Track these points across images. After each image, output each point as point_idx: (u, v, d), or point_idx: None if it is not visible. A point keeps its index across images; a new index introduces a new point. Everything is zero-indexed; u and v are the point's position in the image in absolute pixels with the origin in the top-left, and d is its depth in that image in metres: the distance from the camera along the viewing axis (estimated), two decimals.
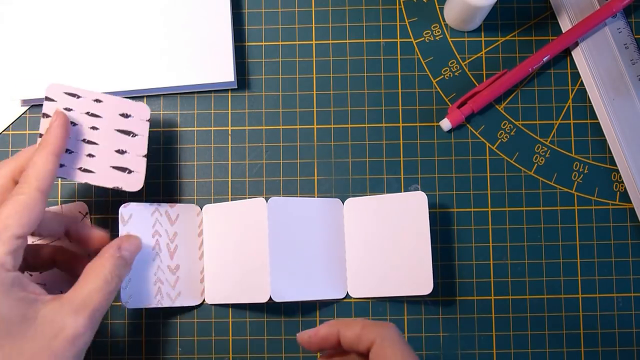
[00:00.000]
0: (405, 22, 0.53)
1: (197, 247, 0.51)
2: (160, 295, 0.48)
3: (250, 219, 0.48)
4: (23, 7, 0.52)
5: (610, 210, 0.51)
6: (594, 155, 0.52)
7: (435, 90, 0.52)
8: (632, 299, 0.50)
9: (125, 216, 0.47)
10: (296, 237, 0.49)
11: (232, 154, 0.52)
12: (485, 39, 0.53)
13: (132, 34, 0.52)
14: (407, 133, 0.52)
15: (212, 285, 0.50)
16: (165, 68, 0.51)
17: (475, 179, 0.52)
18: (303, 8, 0.53)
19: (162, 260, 0.49)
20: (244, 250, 0.48)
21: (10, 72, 0.51)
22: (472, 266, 0.51)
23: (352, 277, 0.50)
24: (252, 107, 0.53)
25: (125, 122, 0.47)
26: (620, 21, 0.52)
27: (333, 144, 0.52)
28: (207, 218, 0.51)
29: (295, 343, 0.49)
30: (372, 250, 0.49)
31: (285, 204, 0.49)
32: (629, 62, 0.51)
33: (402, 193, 0.50)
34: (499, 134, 0.52)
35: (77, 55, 0.52)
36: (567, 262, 0.51)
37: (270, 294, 0.46)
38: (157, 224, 0.49)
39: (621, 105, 0.51)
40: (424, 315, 0.51)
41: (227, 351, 0.50)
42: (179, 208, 0.50)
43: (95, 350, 0.51)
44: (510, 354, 0.50)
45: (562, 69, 0.53)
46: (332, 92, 0.53)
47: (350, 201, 0.51)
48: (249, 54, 0.53)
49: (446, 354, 0.50)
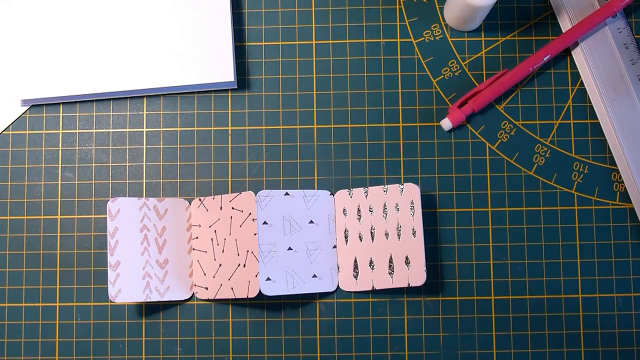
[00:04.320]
0: (405, 22, 0.53)
1: (186, 241, 0.51)
2: (149, 289, 0.49)
3: (239, 212, 0.48)
4: (23, 7, 0.52)
5: (610, 210, 0.51)
6: (594, 155, 0.52)
7: (435, 90, 0.52)
8: (632, 299, 0.50)
9: (113, 211, 0.47)
10: (286, 230, 0.49)
11: (232, 154, 0.52)
12: (485, 39, 0.53)
13: (132, 34, 0.52)
14: (407, 133, 0.52)
15: (201, 279, 0.50)
16: (165, 68, 0.51)
17: (475, 179, 0.52)
18: (303, 8, 0.53)
19: (151, 255, 0.49)
20: (233, 244, 0.48)
21: (10, 72, 0.51)
22: (472, 266, 0.51)
23: (343, 271, 0.50)
24: (252, 107, 0.53)
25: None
26: (620, 21, 0.52)
27: (333, 144, 0.52)
28: (196, 212, 0.51)
29: (295, 343, 0.49)
30: (364, 242, 0.50)
31: (275, 197, 0.49)
32: (629, 62, 0.51)
33: (393, 185, 0.50)
34: (499, 134, 0.52)
35: (77, 55, 0.52)
36: (567, 262, 0.51)
37: (260, 288, 0.46)
38: (146, 219, 0.49)
39: (621, 105, 0.51)
40: (424, 315, 0.51)
41: (227, 351, 0.50)
42: (168, 202, 0.50)
43: (95, 350, 0.51)
44: (510, 354, 0.50)
45: (562, 69, 0.53)
46: (332, 92, 0.53)
47: (340, 193, 0.51)
48: (249, 54, 0.53)
49: (446, 354, 0.50)
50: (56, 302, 0.51)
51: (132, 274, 0.48)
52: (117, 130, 0.53)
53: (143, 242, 0.49)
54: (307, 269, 0.50)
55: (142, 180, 0.52)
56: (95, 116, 0.53)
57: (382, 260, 0.49)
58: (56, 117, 0.53)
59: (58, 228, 0.52)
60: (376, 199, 0.50)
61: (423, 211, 0.51)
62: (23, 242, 0.52)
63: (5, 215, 0.52)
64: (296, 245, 0.49)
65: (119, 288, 0.47)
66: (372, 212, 0.50)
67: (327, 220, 0.51)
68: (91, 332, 0.51)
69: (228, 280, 0.49)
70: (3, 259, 0.52)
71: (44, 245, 0.52)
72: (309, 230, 0.50)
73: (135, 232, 0.48)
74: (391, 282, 0.49)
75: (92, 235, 0.52)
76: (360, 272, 0.50)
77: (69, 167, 0.52)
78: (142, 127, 0.53)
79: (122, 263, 0.47)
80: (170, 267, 0.50)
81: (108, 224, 0.47)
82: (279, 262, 0.48)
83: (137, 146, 0.52)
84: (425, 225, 0.51)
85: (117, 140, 0.53)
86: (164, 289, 0.49)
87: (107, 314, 0.51)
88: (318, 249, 0.50)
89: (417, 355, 0.50)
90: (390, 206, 0.49)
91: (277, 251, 0.49)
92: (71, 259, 0.51)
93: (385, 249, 0.49)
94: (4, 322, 0.51)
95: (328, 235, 0.51)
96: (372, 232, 0.50)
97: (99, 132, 0.53)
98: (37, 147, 0.53)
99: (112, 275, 0.47)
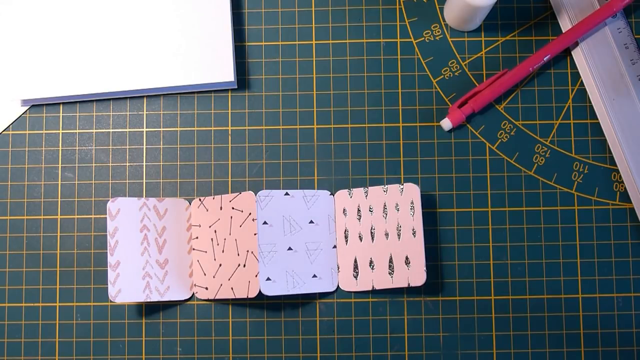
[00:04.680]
0: (405, 22, 0.53)
1: (186, 241, 0.51)
2: (149, 289, 0.49)
3: (239, 212, 0.48)
4: (23, 7, 0.52)
5: (610, 210, 0.51)
6: (594, 155, 0.52)
7: (435, 90, 0.52)
8: (632, 299, 0.50)
9: (113, 211, 0.47)
10: (286, 230, 0.49)
11: (232, 154, 0.52)
12: (485, 39, 0.53)
13: (132, 34, 0.52)
14: (407, 133, 0.52)
15: (201, 279, 0.50)
16: (165, 68, 0.51)
17: (475, 179, 0.52)
18: (303, 8, 0.53)
19: (151, 255, 0.49)
20: (233, 244, 0.48)
21: (10, 72, 0.51)
22: (472, 266, 0.51)
23: (343, 271, 0.50)
24: (252, 107, 0.53)
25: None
26: (620, 21, 0.52)
27: (333, 144, 0.52)
28: (196, 212, 0.51)
29: (295, 343, 0.49)
30: (364, 242, 0.50)
31: (275, 197, 0.49)
32: (629, 62, 0.51)
33: (393, 185, 0.50)
34: (499, 134, 0.52)
35: (77, 55, 0.52)
36: (567, 262, 0.51)
37: (260, 288, 0.46)
38: (146, 219, 0.49)
39: (621, 105, 0.51)
40: (424, 315, 0.51)
41: (227, 351, 0.50)
42: (168, 202, 0.50)
43: (95, 350, 0.51)
44: (510, 354, 0.50)
45: (562, 69, 0.53)
46: (332, 92, 0.53)
47: (340, 193, 0.51)
48: (249, 54, 0.53)
49: (446, 354, 0.50)
50: (56, 302, 0.51)
51: (132, 274, 0.48)
52: (117, 130, 0.53)
53: (143, 242, 0.49)
54: (307, 269, 0.50)
55: (142, 180, 0.52)
56: (95, 116, 0.53)
57: (382, 260, 0.49)
58: (56, 117, 0.53)
59: (58, 228, 0.52)
60: (376, 199, 0.50)
61: (423, 211, 0.51)
62: (23, 242, 0.52)
63: (5, 215, 0.52)
64: (296, 245, 0.49)
65: (119, 288, 0.47)
66: (372, 212, 0.50)
67: (327, 220, 0.51)
68: (91, 332, 0.51)
69: (228, 280, 0.49)
70: (3, 259, 0.52)
71: (44, 245, 0.52)
72: (309, 230, 0.50)
73: (135, 232, 0.48)
74: (391, 282, 0.49)
75: (92, 235, 0.52)
76: (360, 272, 0.50)
77: (69, 167, 0.52)
78: (142, 127, 0.53)
79: (122, 263, 0.47)
80: (170, 267, 0.50)
81: (108, 224, 0.47)
82: (279, 262, 0.48)
83: (137, 146, 0.52)
84: (425, 225, 0.51)
85: (117, 140, 0.53)
86: (164, 289, 0.49)
87: (107, 314, 0.51)
88: (318, 249, 0.50)
89: (417, 355, 0.50)
90: (390, 206, 0.49)
91: (277, 251, 0.49)
92: (71, 259, 0.51)
93: (385, 249, 0.49)
94: (4, 322, 0.51)
95: (328, 235, 0.51)
96: (372, 232, 0.50)
97: (99, 132, 0.53)
98: (37, 147, 0.53)
99: (112, 275, 0.47)
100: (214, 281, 0.49)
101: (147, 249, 0.49)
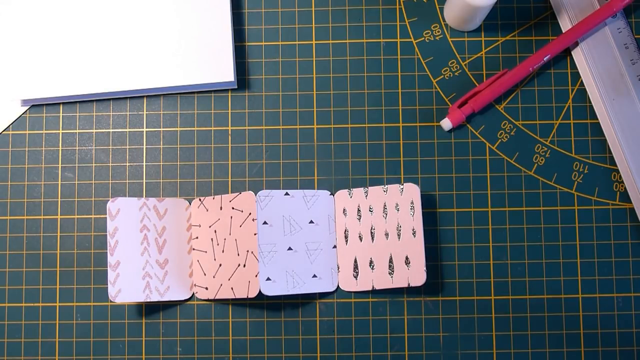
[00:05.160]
0: (405, 22, 0.53)
1: (186, 241, 0.51)
2: (149, 289, 0.49)
3: (239, 212, 0.48)
4: (23, 7, 0.52)
5: (610, 210, 0.51)
6: (594, 155, 0.52)
7: (435, 90, 0.52)
8: (632, 299, 0.50)
9: (113, 211, 0.47)
10: (286, 230, 0.49)
11: (232, 154, 0.52)
12: (485, 39, 0.53)
13: (132, 34, 0.52)
14: (407, 133, 0.52)
15: (201, 279, 0.50)
16: (165, 68, 0.51)
17: (475, 179, 0.52)
18: (303, 8, 0.53)
19: (151, 255, 0.49)
20: (233, 244, 0.48)
21: (10, 72, 0.51)
22: (472, 266, 0.51)
23: (343, 271, 0.50)
24: (252, 107, 0.53)
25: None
26: (620, 21, 0.52)
27: (333, 144, 0.52)
28: (196, 212, 0.51)
29: (295, 343, 0.49)
30: (364, 242, 0.50)
31: (275, 197, 0.49)
32: (629, 62, 0.51)
33: (393, 185, 0.50)
34: (499, 134, 0.52)
35: (77, 55, 0.52)
36: (567, 262, 0.51)
37: (260, 288, 0.46)
38: (145, 219, 0.49)
39: (621, 105, 0.51)
40: (424, 315, 0.51)
41: (227, 351, 0.50)
42: (168, 202, 0.50)
43: (95, 350, 0.51)
44: (510, 354, 0.50)
45: (562, 69, 0.53)
46: (332, 92, 0.53)
47: (340, 193, 0.51)
48: (249, 54, 0.53)
49: (446, 354, 0.50)
50: (56, 302, 0.51)
51: (132, 274, 0.48)
52: (117, 130, 0.53)
53: (143, 242, 0.49)
54: (307, 269, 0.50)
55: (142, 180, 0.52)
56: (95, 116, 0.53)
57: (382, 260, 0.49)
58: (56, 117, 0.53)
59: (58, 228, 0.52)
60: (376, 199, 0.50)
61: (423, 211, 0.51)
62: (23, 242, 0.52)
63: (5, 215, 0.52)
64: (296, 245, 0.49)
65: (119, 288, 0.47)
66: (372, 212, 0.50)
67: (327, 220, 0.51)
68: (91, 332, 0.51)
69: (228, 280, 0.49)
70: (3, 259, 0.52)
71: (44, 245, 0.52)
72: (309, 230, 0.50)
73: (135, 232, 0.48)
74: (391, 282, 0.49)
75: (92, 235, 0.52)
76: (360, 272, 0.50)
77: (69, 167, 0.52)
78: (142, 127, 0.53)
79: (122, 263, 0.47)
80: (170, 267, 0.50)
81: (108, 224, 0.47)
82: (279, 262, 0.48)
83: (137, 146, 0.52)
84: (425, 225, 0.51)
85: (117, 140, 0.53)
86: (164, 289, 0.49)
87: (107, 314, 0.51)
88: (318, 249, 0.50)
89: (417, 355, 0.50)
90: (390, 206, 0.49)
91: (277, 251, 0.49)
92: (71, 259, 0.51)
93: (385, 249, 0.49)
94: (4, 322, 0.51)
95: (328, 235, 0.51)
96: (372, 232, 0.50)
97: (99, 132, 0.53)
98: (37, 147, 0.53)
99: (112, 275, 0.47)
100: (214, 281, 0.49)
101: (147, 249, 0.49)
